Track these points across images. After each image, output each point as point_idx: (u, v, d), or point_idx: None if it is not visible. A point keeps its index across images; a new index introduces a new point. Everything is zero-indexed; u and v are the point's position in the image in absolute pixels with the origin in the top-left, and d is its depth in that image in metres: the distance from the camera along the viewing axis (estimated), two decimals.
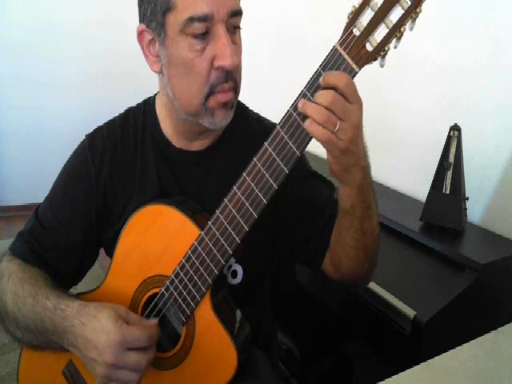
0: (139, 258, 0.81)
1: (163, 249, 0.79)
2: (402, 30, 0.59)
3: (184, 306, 0.77)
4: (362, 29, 0.60)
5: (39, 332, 0.78)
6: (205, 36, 0.71)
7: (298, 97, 0.64)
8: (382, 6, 0.58)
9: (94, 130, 0.90)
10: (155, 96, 0.90)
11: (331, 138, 0.61)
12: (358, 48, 0.61)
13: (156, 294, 0.80)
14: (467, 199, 1.26)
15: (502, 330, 0.81)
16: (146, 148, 0.87)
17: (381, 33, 0.60)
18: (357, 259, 0.79)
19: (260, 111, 0.95)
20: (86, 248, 0.89)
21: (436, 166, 1.26)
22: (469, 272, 1.08)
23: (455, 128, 1.23)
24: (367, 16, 0.60)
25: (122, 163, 0.87)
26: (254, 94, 1.65)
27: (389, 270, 1.18)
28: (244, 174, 0.69)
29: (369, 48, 0.61)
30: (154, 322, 0.76)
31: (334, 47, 0.62)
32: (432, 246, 1.20)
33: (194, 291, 0.75)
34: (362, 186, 0.69)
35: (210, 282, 0.74)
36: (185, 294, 0.76)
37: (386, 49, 0.60)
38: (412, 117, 1.56)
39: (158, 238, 0.79)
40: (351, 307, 1.26)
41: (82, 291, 0.86)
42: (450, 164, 1.23)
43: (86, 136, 0.90)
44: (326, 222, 0.85)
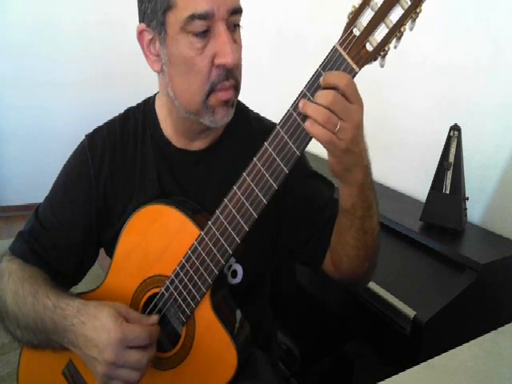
0: (139, 257, 0.81)
1: (163, 249, 0.79)
2: (402, 29, 0.59)
3: (184, 306, 0.77)
4: (362, 29, 0.60)
5: (39, 331, 0.78)
6: (205, 34, 0.71)
7: (298, 97, 0.64)
8: (382, 5, 0.58)
9: (94, 130, 0.90)
10: (155, 96, 0.90)
11: (332, 138, 0.61)
12: (358, 48, 0.61)
13: (156, 293, 0.80)
14: (467, 199, 1.26)
15: (502, 329, 0.81)
16: (145, 148, 0.87)
17: (381, 33, 0.60)
18: (357, 259, 0.79)
19: (260, 111, 0.95)
20: (86, 248, 0.89)
21: (436, 166, 1.26)
22: (469, 272, 1.08)
23: (455, 128, 1.23)
24: (367, 16, 0.59)
25: (121, 163, 0.87)
26: (254, 93, 1.65)
27: (389, 270, 1.18)
28: (244, 174, 0.69)
29: (369, 48, 0.61)
30: (154, 319, 0.76)
31: (334, 47, 0.62)
32: (432, 246, 1.20)
33: (193, 291, 0.75)
34: (363, 186, 0.69)
35: (210, 281, 0.74)
36: (185, 293, 0.76)
37: (386, 49, 0.60)
38: (412, 117, 1.56)
39: (158, 238, 0.79)
40: (351, 307, 1.26)
41: (83, 291, 0.86)
42: (450, 164, 1.23)
43: (86, 136, 0.90)
44: (326, 221, 0.85)
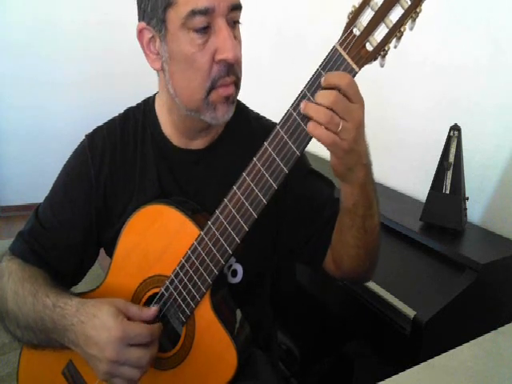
0: (139, 257, 0.81)
1: (163, 249, 0.79)
2: (402, 29, 0.59)
3: (184, 306, 0.77)
4: (362, 28, 0.60)
5: (39, 330, 0.78)
6: (206, 30, 0.72)
7: (297, 97, 0.64)
8: (382, 5, 0.58)
9: (94, 130, 0.90)
10: (155, 96, 0.90)
11: (335, 139, 0.61)
12: (358, 48, 0.61)
13: (156, 293, 0.80)
14: (467, 199, 1.26)
15: (502, 329, 0.81)
16: (145, 148, 0.87)
17: (381, 32, 0.59)
18: (358, 258, 0.79)
19: (260, 111, 0.95)
20: (86, 248, 0.89)
21: (436, 166, 1.26)
22: (469, 272, 1.08)
23: (455, 128, 1.23)
24: (367, 16, 0.59)
25: (121, 163, 0.87)
26: (254, 93, 1.65)
27: (389, 270, 1.18)
28: (244, 174, 0.69)
29: (369, 48, 0.61)
30: (153, 311, 0.76)
31: (333, 47, 0.62)
32: (432, 246, 1.20)
33: (193, 291, 0.75)
34: (365, 184, 0.69)
35: (210, 281, 0.74)
36: (184, 293, 0.76)
37: (386, 48, 0.60)
38: (412, 117, 1.56)
39: (158, 238, 0.79)
40: (351, 307, 1.26)
41: (83, 291, 0.86)
42: (450, 164, 1.23)
43: (86, 136, 0.90)
44: (326, 220, 0.85)
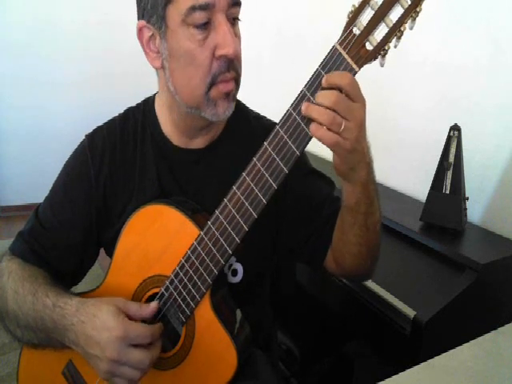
0: (139, 257, 0.81)
1: (163, 249, 0.79)
2: (402, 29, 0.59)
3: (184, 306, 0.77)
4: (361, 28, 0.60)
5: (39, 330, 0.78)
6: (206, 26, 0.72)
7: (297, 96, 0.64)
8: (381, 5, 0.58)
9: (94, 130, 0.90)
10: (155, 96, 0.90)
11: (338, 140, 0.61)
12: (358, 47, 0.60)
13: (156, 293, 0.79)
14: (467, 199, 1.26)
15: (502, 329, 0.81)
16: (145, 147, 0.87)
17: (381, 32, 0.59)
18: (360, 256, 0.79)
19: (260, 111, 0.95)
20: (86, 248, 0.89)
21: (436, 166, 1.26)
22: (469, 272, 1.08)
23: (455, 128, 1.22)
24: (367, 15, 0.59)
25: (121, 163, 0.87)
26: (254, 93, 1.65)
27: (389, 270, 1.18)
28: (244, 174, 0.69)
29: (369, 47, 0.61)
30: (153, 307, 0.76)
31: (333, 46, 0.62)
32: (432, 246, 1.20)
33: (193, 291, 0.75)
34: (367, 182, 0.69)
35: (210, 281, 0.74)
36: (184, 293, 0.76)
37: (386, 48, 0.60)
38: (412, 117, 1.56)
39: (158, 238, 0.79)
40: (351, 307, 1.25)
41: (83, 291, 0.86)
42: (450, 164, 1.23)
43: (86, 136, 0.89)
44: (326, 219, 0.85)
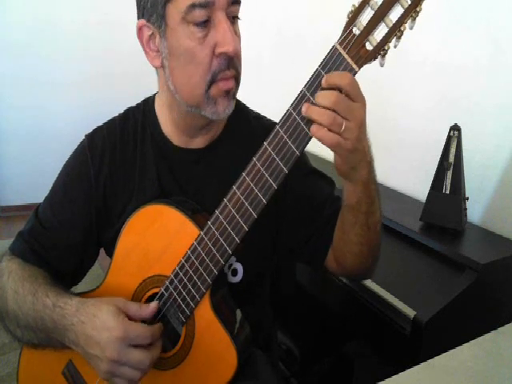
0: (139, 257, 0.81)
1: (163, 249, 0.79)
2: (402, 29, 0.59)
3: (183, 306, 0.77)
4: (361, 28, 0.60)
5: (39, 330, 0.78)
6: (206, 24, 0.72)
7: (297, 96, 0.64)
8: (381, 4, 0.58)
9: (94, 130, 0.90)
10: (155, 96, 0.90)
11: (339, 140, 0.61)
12: (358, 47, 0.60)
13: (156, 293, 0.79)
14: (467, 199, 1.26)
15: (502, 329, 0.81)
16: (145, 147, 0.87)
17: (381, 32, 0.59)
18: (361, 255, 0.79)
19: (260, 111, 0.95)
20: (86, 248, 0.89)
21: (436, 166, 1.26)
22: (469, 272, 1.08)
23: (455, 128, 1.22)
24: (367, 15, 0.59)
25: (121, 163, 0.87)
26: (254, 93, 1.65)
27: (389, 270, 1.17)
28: (243, 174, 0.69)
29: (368, 47, 0.61)
30: (153, 307, 0.76)
31: (333, 46, 0.62)
32: (432, 246, 1.20)
33: (193, 291, 0.75)
34: (368, 181, 0.69)
35: (210, 281, 0.74)
36: (184, 294, 0.76)
37: (386, 48, 0.60)
38: (412, 117, 1.56)
39: (158, 238, 0.79)
40: (351, 307, 1.25)
41: (83, 291, 0.86)
42: (450, 164, 1.23)
43: (86, 136, 0.89)
44: (326, 219, 0.85)
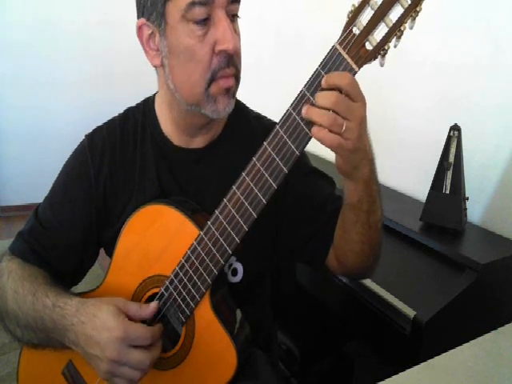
0: (139, 257, 0.81)
1: (163, 249, 0.79)
2: (401, 28, 0.59)
3: (183, 306, 0.77)
4: (361, 28, 0.60)
5: (39, 330, 0.78)
6: (205, 22, 0.72)
7: (297, 96, 0.64)
8: (381, 4, 0.58)
9: (94, 130, 0.90)
10: (154, 95, 0.90)
11: (340, 141, 0.61)
12: (358, 47, 0.60)
13: (156, 293, 0.79)
14: (467, 199, 1.26)
15: (502, 329, 0.81)
16: (145, 147, 0.87)
17: (380, 32, 0.59)
18: (362, 254, 0.79)
19: (260, 111, 0.95)
20: (86, 248, 0.89)
21: (436, 166, 1.26)
22: (469, 272, 1.08)
23: (455, 128, 1.22)
24: (367, 15, 0.59)
25: (121, 163, 0.87)
26: (254, 93, 1.65)
27: (389, 270, 1.17)
28: (243, 174, 0.69)
29: (368, 47, 0.60)
30: (153, 307, 0.76)
31: (333, 46, 0.61)
32: (432, 246, 1.20)
33: (193, 291, 0.75)
34: (369, 180, 0.69)
35: (210, 281, 0.74)
36: (184, 294, 0.76)
37: (386, 48, 0.60)
38: (412, 117, 1.56)
39: (158, 238, 0.79)
40: (351, 307, 1.25)
41: (83, 291, 0.86)
42: (450, 164, 1.23)
43: (86, 136, 0.89)
44: (327, 219, 0.85)
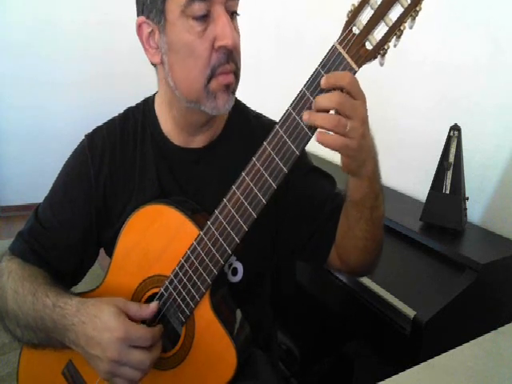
0: (139, 257, 0.81)
1: (163, 249, 0.78)
2: (401, 28, 0.59)
3: (183, 306, 0.77)
4: (361, 27, 0.60)
5: (39, 330, 0.78)
6: (205, 18, 0.72)
7: (297, 96, 0.64)
8: (381, 4, 0.58)
9: (94, 130, 0.90)
10: (154, 95, 0.90)
11: (345, 141, 0.61)
12: (358, 47, 0.60)
13: (156, 293, 0.79)
14: (467, 199, 1.26)
15: (502, 329, 0.81)
16: (145, 147, 0.87)
17: (380, 31, 0.59)
18: (365, 250, 0.79)
19: (260, 110, 0.95)
20: (86, 248, 0.89)
21: (436, 166, 1.26)
22: (469, 272, 1.08)
23: (455, 128, 1.22)
24: (367, 14, 0.59)
25: (121, 163, 0.87)
26: (254, 93, 1.65)
27: (389, 270, 1.17)
28: (243, 174, 0.69)
29: (368, 47, 0.60)
30: (153, 307, 0.76)
31: (333, 46, 0.61)
32: (432, 246, 1.20)
33: (193, 291, 0.75)
34: (373, 176, 0.69)
35: (210, 281, 0.74)
36: (184, 294, 0.76)
37: (386, 47, 0.60)
38: (412, 117, 1.56)
39: (158, 238, 0.79)
40: (351, 307, 1.25)
41: (83, 291, 0.86)
42: (450, 164, 1.23)
43: (86, 136, 0.89)
44: (327, 216, 0.85)
